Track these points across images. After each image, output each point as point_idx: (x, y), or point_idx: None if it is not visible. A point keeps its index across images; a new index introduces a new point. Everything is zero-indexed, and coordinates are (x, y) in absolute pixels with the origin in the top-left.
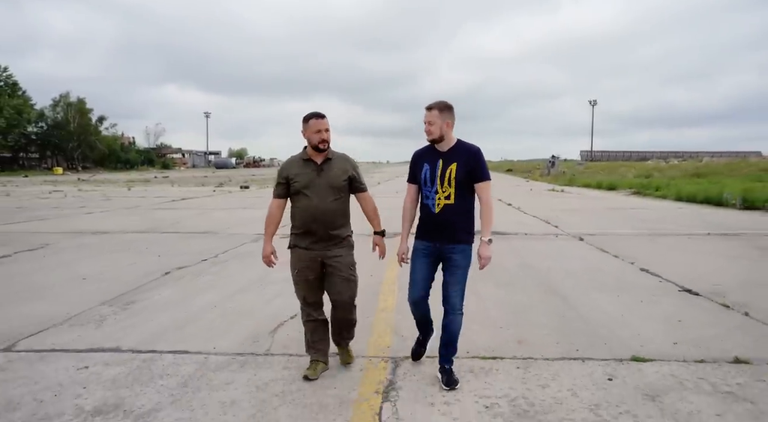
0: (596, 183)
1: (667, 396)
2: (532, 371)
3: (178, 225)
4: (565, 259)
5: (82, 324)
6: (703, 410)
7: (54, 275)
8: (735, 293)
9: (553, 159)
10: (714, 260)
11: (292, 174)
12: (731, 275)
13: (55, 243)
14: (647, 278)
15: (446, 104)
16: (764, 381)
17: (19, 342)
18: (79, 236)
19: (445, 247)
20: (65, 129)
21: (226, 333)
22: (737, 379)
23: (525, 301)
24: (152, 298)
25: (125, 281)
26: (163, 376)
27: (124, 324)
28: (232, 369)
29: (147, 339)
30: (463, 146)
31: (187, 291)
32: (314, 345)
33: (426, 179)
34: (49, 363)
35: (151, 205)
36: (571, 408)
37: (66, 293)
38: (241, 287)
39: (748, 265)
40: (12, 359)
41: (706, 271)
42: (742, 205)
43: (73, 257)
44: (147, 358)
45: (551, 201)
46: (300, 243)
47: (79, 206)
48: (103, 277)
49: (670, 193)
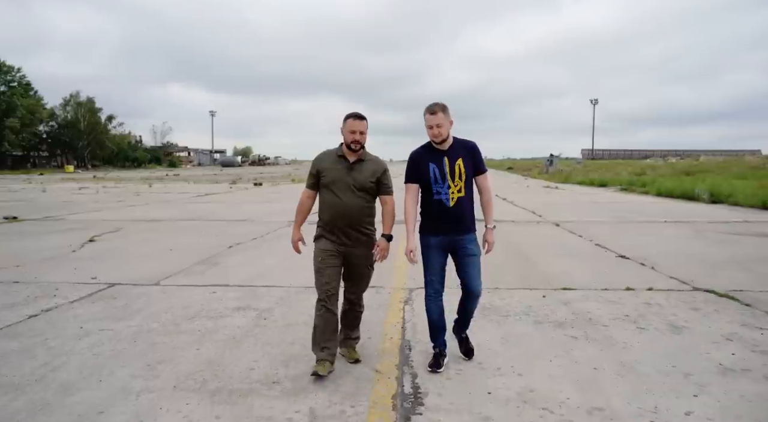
0: (589, 180)
1: (576, 303)
2: (497, 293)
3: (216, 215)
4: (539, 237)
5: (190, 274)
6: (593, 310)
7: (147, 247)
8: (654, 257)
9: (551, 158)
10: (655, 239)
11: (323, 168)
12: (660, 248)
13: (126, 228)
14: (597, 249)
15: (445, 105)
16: (638, 297)
17: (160, 282)
18: (140, 223)
19: (458, 238)
20: (76, 128)
21: (295, 277)
22: (621, 295)
23: (500, 262)
24: (229, 261)
25: (202, 252)
26: (265, 295)
27: (220, 273)
28: (307, 294)
29: (243, 279)
30: (461, 142)
31: (253, 257)
32: (324, 341)
33: (436, 177)
34: (189, 291)
35: (182, 200)
36: (515, 309)
37: (166, 258)
38: (293, 254)
39: (678, 242)
40: (164, 289)
41: (643, 245)
42: (710, 199)
43: (149, 236)
44: (250, 288)
45: (542, 197)
46: (326, 236)
47: (117, 200)
48: (184, 249)
49: (653, 189)
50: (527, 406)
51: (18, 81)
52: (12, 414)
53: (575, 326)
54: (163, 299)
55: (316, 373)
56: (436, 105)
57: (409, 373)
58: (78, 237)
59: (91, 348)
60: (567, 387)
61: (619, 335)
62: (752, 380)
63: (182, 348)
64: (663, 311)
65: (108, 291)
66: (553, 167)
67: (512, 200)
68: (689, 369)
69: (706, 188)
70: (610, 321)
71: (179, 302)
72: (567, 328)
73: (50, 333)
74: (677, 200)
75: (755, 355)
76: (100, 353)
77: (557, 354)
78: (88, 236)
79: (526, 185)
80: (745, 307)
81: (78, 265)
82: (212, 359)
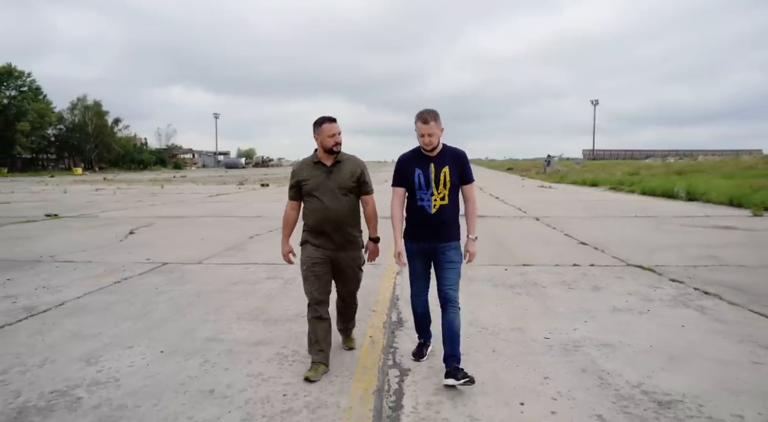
0: (582, 180)
1: (529, 274)
2: (469, 268)
3: (232, 213)
4: (518, 229)
5: (223, 256)
6: (540, 278)
7: (181, 238)
8: (608, 244)
9: (548, 158)
10: (618, 230)
11: (303, 177)
12: (618, 237)
13: (156, 223)
14: (564, 238)
15: (437, 114)
16: (579, 270)
17: (202, 261)
18: (167, 219)
19: (439, 245)
20: (83, 131)
21: None
22: (566, 269)
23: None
24: (253, 248)
25: (228, 241)
26: (288, 269)
27: (247, 256)
28: None
29: (268, 259)
30: (450, 150)
31: (272, 245)
32: (317, 345)
33: (420, 183)
34: (226, 268)
35: (196, 199)
36: (480, 277)
37: (199, 246)
38: None
39: (635, 232)
40: (206, 267)
41: (605, 235)
42: (687, 197)
43: (179, 230)
44: (274, 265)
45: (534, 195)
46: (312, 240)
47: (136, 200)
48: (213, 239)
49: (638, 188)
50: (471, 327)
51: (28, 86)
52: (137, 332)
53: (523, 287)
54: (208, 272)
55: (308, 379)
56: (428, 113)
57: (395, 311)
58: (119, 230)
59: (169, 300)
60: (502, 319)
61: (552, 292)
62: (631, 314)
63: (235, 300)
64: (593, 278)
65: (163, 268)
66: (551, 167)
67: (503, 199)
68: (590, 310)
69: (683, 187)
70: (550, 284)
71: (222, 274)
72: (516, 288)
73: (135, 292)
74: (658, 198)
75: (642, 301)
76: (177, 302)
77: (502, 302)
78: (128, 230)
79: (521, 185)
80: (658, 276)
81: (130, 250)
82: (258, 305)
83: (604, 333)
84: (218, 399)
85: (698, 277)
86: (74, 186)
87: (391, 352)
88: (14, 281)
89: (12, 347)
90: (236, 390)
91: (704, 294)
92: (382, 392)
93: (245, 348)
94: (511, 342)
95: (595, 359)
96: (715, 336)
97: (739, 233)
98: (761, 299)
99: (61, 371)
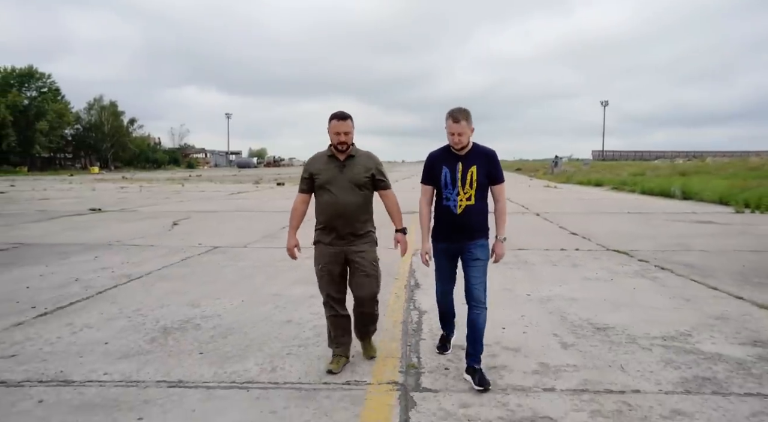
0: (587, 180)
1: (523, 255)
2: None
3: (258, 208)
4: (519, 223)
5: (263, 242)
6: (531, 258)
7: (220, 228)
8: (595, 234)
9: (556, 159)
10: (608, 224)
11: (316, 170)
12: (606, 229)
13: (193, 216)
14: (558, 230)
15: (469, 113)
16: (564, 252)
17: (247, 245)
18: (201, 213)
19: (465, 245)
20: (100, 131)
21: None
22: (554, 252)
23: None
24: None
25: (261, 230)
26: None
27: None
28: None
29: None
30: (480, 149)
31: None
32: (337, 339)
33: (447, 182)
34: (268, 250)
35: (219, 197)
36: None
37: (238, 234)
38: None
39: (623, 225)
40: (252, 249)
41: (595, 227)
42: (682, 196)
43: (215, 222)
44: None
45: (538, 194)
46: (323, 239)
47: (164, 197)
48: (248, 229)
49: (638, 188)
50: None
51: (48, 87)
52: (217, 290)
53: (515, 263)
54: (256, 253)
55: (330, 371)
56: (459, 112)
57: (413, 278)
58: (163, 222)
59: (234, 272)
60: (496, 284)
61: (539, 269)
62: (597, 281)
63: (285, 272)
64: (575, 259)
65: (216, 250)
66: (558, 168)
67: (509, 197)
68: (566, 279)
69: (679, 186)
70: (538, 262)
71: (267, 254)
72: (510, 265)
73: (202, 266)
74: (656, 197)
75: (609, 274)
76: (240, 273)
77: (497, 274)
78: (171, 222)
79: (528, 185)
80: (629, 257)
81: (181, 238)
82: (304, 276)
83: (571, 292)
84: (294, 325)
85: (662, 258)
86: (97, 184)
87: (413, 301)
88: (101, 259)
89: (133, 298)
90: (305, 320)
91: (661, 269)
92: (407, 322)
93: (304, 299)
94: (501, 297)
95: (561, 306)
96: (655, 294)
97: (714, 226)
98: (703, 272)
99: (176, 310)
